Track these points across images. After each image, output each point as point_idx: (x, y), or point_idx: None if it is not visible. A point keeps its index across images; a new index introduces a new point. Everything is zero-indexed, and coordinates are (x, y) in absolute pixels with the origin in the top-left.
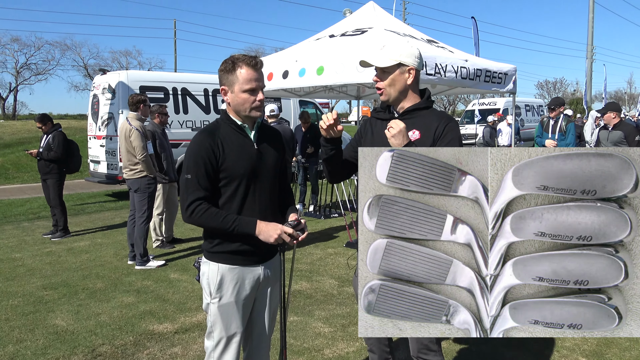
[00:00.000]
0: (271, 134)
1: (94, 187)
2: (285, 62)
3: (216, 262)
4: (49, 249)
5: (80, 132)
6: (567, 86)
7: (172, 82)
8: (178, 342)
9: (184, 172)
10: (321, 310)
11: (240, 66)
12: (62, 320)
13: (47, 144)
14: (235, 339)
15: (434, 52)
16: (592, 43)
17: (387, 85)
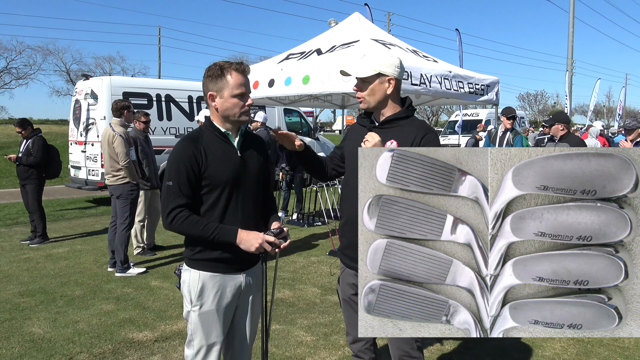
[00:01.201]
0: (255, 141)
1: (74, 193)
2: (271, 71)
3: (197, 270)
4: (27, 255)
5: (62, 138)
6: (547, 98)
7: (156, 88)
8: (158, 350)
9: (166, 179)
10: (303, 319)
11: (230, 72)
12: (39, 327)
13: (27, 149)
14: (216, 347)
15: (419, 62)
16: (572, 57)
17: (367, 95)
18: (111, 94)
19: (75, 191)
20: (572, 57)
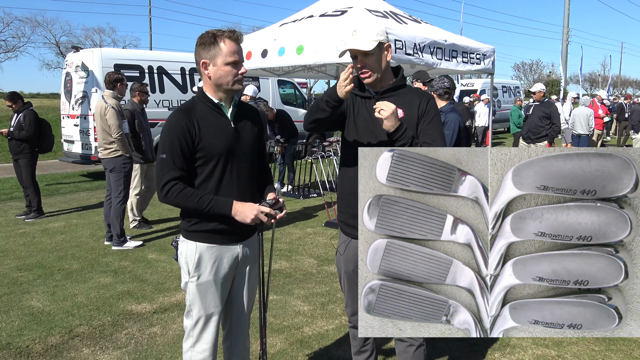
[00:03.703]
0: (248, 112)
1: (68, 168)
2: (264, 41)
3: (194, 241)
4: (23, 230)
5: (53, 112)
6: (542, 68)
7: (148, 60)
8: (157, 322)
9: (159, 152)
10: (300, 289)
11: (223, 39)
12: (37, 301)
13: (18, 123)
14: (214, 318)
15: (413, 31)
16: (568, 25)
17: (374, 67)
18: (102, 66)
19: (69, 165)
20: (568, 26)
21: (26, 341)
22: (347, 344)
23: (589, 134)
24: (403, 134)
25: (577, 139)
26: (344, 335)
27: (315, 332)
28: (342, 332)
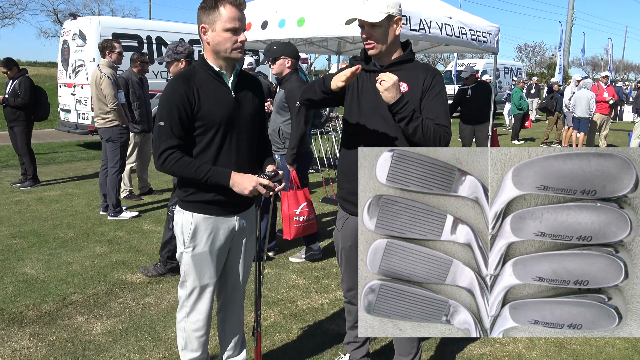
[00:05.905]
0: (250, 82)
1: (64, 137)
2: (264, 12)
3: (190, 212)
4: (18, 197)
5: (50, 80)
6: (545, 50)
7: (147, 30)
8: (151, 292)
9: (157, 119)
10: (295, 263)
11: (224, 4)
12: (32, 268)
13: (13, 90)
14: (209, 289)
15: (418, 6)
16: (573, 7)
17: (380, 40)
18: (100, 35)
19: (65, 135)
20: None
21: (20, 307)
22: (340, 319)
23: (590, 117)
24: (404, 106)
25: (578, 122)
26: (338, 309)
27: (309, 306)
28: (336, 306)
